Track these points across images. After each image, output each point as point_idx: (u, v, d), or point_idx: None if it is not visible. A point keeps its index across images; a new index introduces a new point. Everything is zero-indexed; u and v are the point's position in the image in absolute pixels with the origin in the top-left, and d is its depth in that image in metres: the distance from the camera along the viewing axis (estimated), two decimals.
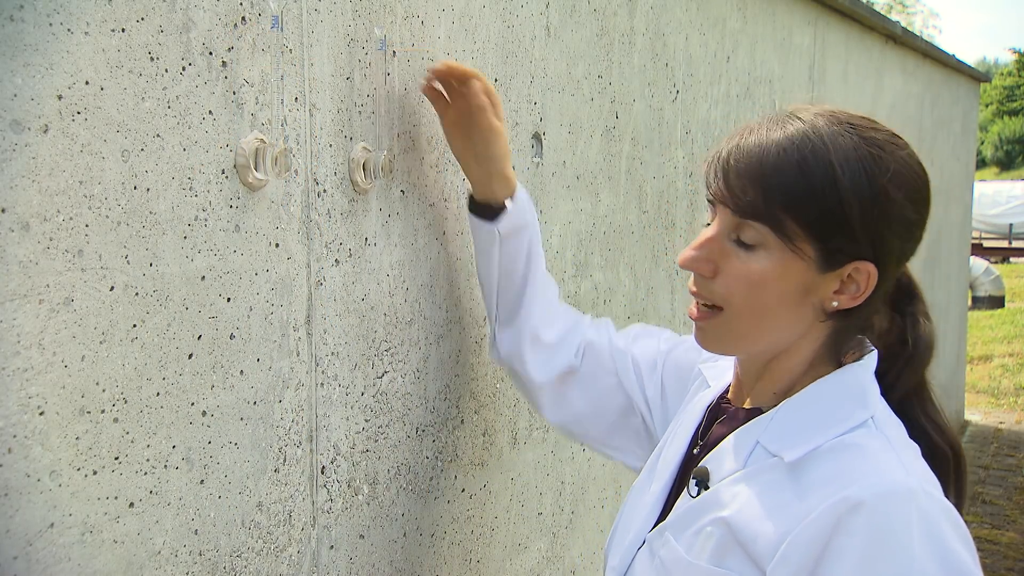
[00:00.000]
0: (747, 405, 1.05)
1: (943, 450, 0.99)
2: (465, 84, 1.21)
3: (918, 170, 0.96)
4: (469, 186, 1.28)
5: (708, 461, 1.01)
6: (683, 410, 1.18)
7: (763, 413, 1.00)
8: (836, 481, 0.87)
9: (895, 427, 0.95)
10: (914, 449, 0.93)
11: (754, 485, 0.95)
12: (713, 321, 1.00)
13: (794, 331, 0.98)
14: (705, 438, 1.07)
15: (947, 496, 0.89)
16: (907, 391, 1.01)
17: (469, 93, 1.21)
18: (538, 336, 1.29)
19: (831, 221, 0.92)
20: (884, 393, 0.98)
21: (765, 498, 0.92)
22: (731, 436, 1.01)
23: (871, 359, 0.99)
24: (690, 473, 1.03)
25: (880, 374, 0.99)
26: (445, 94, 1.24)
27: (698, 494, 1.00)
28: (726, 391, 1.12)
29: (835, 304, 0.96)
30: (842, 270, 0.95)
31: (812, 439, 0.93)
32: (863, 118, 0.97)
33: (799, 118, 0.95)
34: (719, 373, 1.17)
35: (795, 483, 0.91)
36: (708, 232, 0.99)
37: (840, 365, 1.00)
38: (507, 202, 1.25)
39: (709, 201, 1.00)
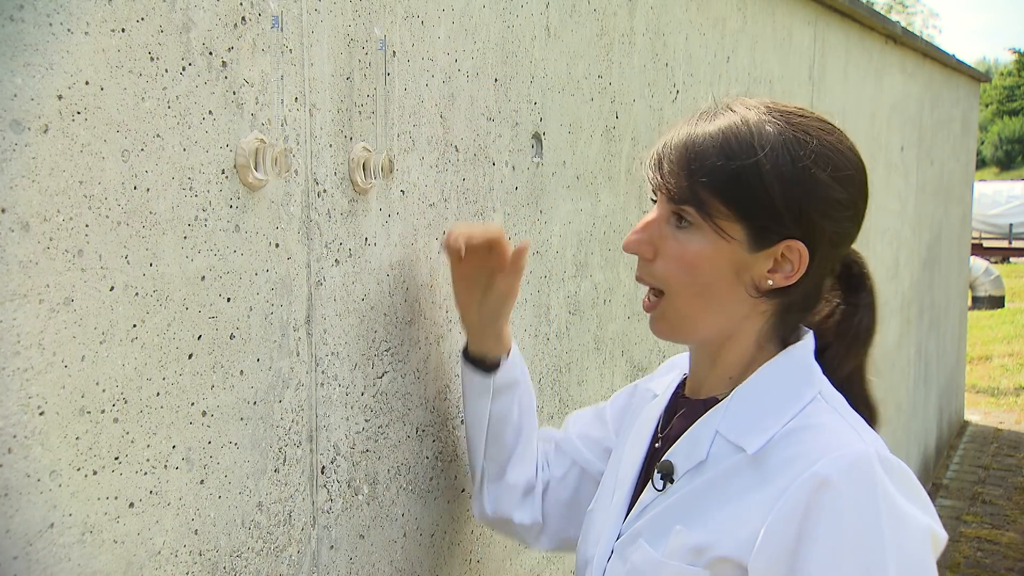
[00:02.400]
0: (703, 395, 1.07)
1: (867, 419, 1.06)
2: (499, 244, 1.19)
3: (848, 153, 1.00)
4: (465, 338, 1.29)
5: (671, 454, 1.04)
6: (632, 423, 1.20)
7: (719, 401, 1.03)
8: (800, 460, 0.92)
9: (839, 399, 1.00)
10: (857, 415, 0.99)
11: (720, 480, 0.98)
12: (660, 307, 1.04)
13: (736, 311, 1.02)
14: (666, 432, 1.10)
15: None
16: (848, 371, 1.07)
17: (503, 252, 1.19)
18: (528, 485, 1.29)
19: (754, 200, 0.96)
20: (827, 372, 1.03)
21: (733, 492, 0.96)
22: (691, 428, 1.04)
23: (809, 339, 1.05)
24: (654, 467, 1.05)
25: (820, 351, 1.05)
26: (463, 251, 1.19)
27: (664, 488, 1.02)
28: (682, 387, 1.14)
29: (770, 283, 1.00)
30: (774, 249, 0.99)
31: (770, 426, 0.97)
32: (797, 107, 1.02)
33: (732, 109, 1.01)
34: (663, 383, 1.20)
35: (760, 471, 0.95)
36: (648, 216, 1.04)
37: (785, 347, 1.04)
38: (502, 358, 1.26)
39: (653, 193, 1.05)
